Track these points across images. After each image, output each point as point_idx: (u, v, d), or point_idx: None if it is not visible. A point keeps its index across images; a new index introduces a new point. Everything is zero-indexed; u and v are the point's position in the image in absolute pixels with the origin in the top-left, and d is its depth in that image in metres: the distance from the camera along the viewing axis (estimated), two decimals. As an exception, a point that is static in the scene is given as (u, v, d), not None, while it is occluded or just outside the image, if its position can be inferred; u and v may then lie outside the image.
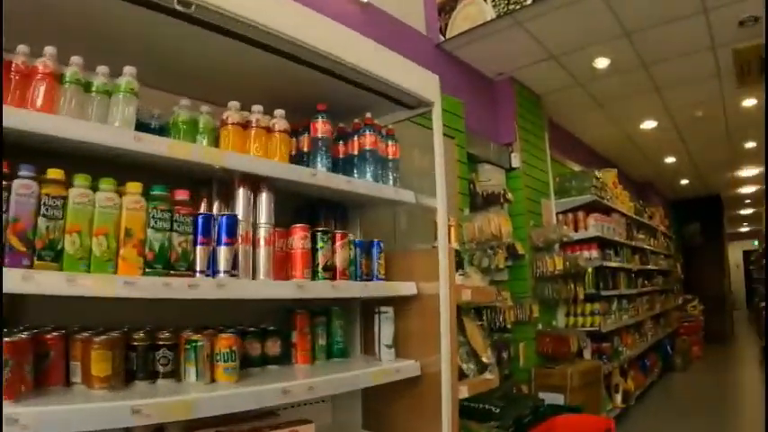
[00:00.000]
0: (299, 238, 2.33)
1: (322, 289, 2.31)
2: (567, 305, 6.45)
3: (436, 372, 2.59)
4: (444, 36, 5.50)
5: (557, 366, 5.46)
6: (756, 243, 22.85)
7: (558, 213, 6.69)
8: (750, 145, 10.35)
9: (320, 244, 2.40)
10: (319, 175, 2.39)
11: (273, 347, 2.50)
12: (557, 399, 5.28)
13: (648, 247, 9.39)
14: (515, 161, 6.08)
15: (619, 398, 6.81)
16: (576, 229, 6.61)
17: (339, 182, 2.45)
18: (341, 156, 2.78)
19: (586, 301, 6.41)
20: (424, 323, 2.65)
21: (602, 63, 6.22)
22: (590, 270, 6.48)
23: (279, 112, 2.40)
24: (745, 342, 14.74)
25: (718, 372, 10.59)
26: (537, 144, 6.58)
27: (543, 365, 5.55)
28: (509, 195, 5.32)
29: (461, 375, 2.84)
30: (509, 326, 4.59)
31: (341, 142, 2.81)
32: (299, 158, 2.57)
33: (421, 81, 2.84)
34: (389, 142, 2.83)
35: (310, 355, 2.59)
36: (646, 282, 9.02)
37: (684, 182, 13.64)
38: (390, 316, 2.64)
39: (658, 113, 8.10)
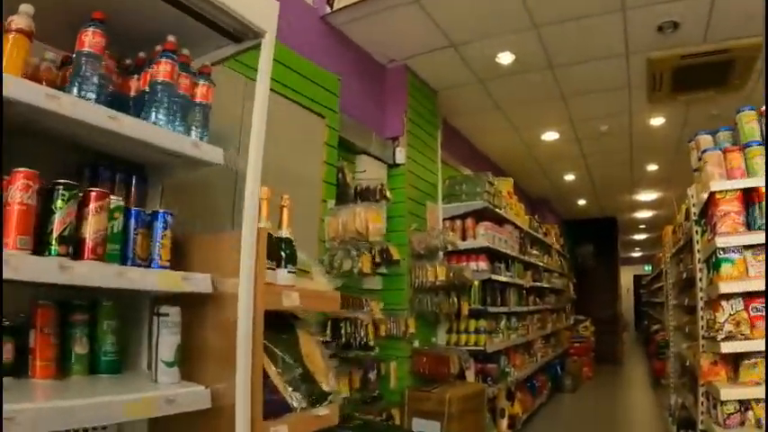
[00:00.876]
0: (19, 188, 1.51)
1: (43, 269, 1.48)
2: (450, 321, 5.86)
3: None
4: (331, 8, 4.80)
5: (434, 389, 4.82)
6: (649, 268, 23.44)
7: (445, 219, 6.11)
8: (651, 168, 10.27)
9: (59, 203, 1.59)
10: (63, 100, 1.57)
11: (5, 352, 1.69)
12: (433, 427, 4.65)
13: (542, 264, 9.02)
14: (400, 157, 5.44)
15: (504, 423, 6.27)
16: (463, 238, 6.03)
17: (96, 115, 1.63)
18: (132, 93, 2.00)
19: (471, 317, 5.83)
20: (223, 334, 1.88)
21: (506, 58, 5.70)
22: (477, 283, 5.92)
23: (25, 7, 1.61)
24: (634, 363, 14.88)
25: (608, 393, 10.46)
26: (428, 142, 5.99)
27: (419, 388, 4.90)
28: (388, 193, 4.65)
29: (285, 408, 2.08)
30: (371, 342, 3.87)
31: (135, 77, 2.03)
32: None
33: (251, 1, 2.08)
34: (201, 82, 2.06)
35: (56, 368, 1.77)
36: (538, 299, 8.63)
37: (582, 202, 13.58)
38: (174, 320, 1.84)
39: (562, 124, 7.73)
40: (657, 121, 7.59)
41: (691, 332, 5.40)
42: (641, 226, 18.50)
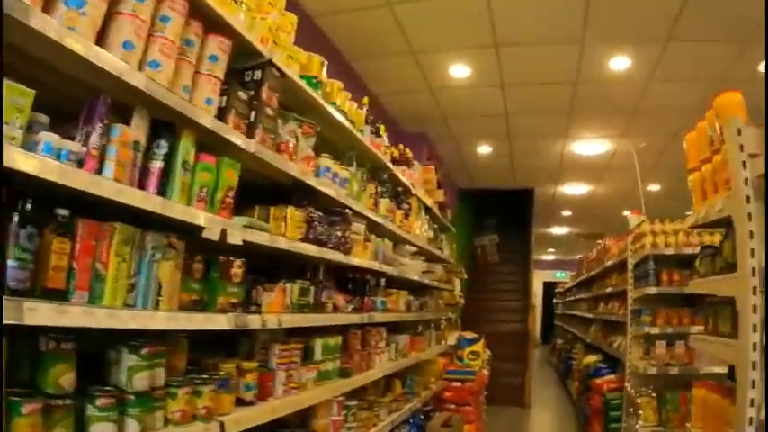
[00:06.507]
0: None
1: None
2: None
3: None
4: None
5: None
6: (563, 275, 19.68)
7: None
8: (620, 63, 5.63)
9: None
10: None
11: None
12: None
13: (374, 217, 3.86)
14: None
15: None
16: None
17: None
18: None
19: None
20: None
21: None
22: None
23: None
24: (549, 404, 10.17)
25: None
26: None
27: None
28: None
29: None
30: None
31: None
32: None
33: None
34: None
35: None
36: (352, 297, 3.53)
37: (485, 150, 8.75)
38: None
39: None
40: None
41: None
42: (565, 213, 13.99)
